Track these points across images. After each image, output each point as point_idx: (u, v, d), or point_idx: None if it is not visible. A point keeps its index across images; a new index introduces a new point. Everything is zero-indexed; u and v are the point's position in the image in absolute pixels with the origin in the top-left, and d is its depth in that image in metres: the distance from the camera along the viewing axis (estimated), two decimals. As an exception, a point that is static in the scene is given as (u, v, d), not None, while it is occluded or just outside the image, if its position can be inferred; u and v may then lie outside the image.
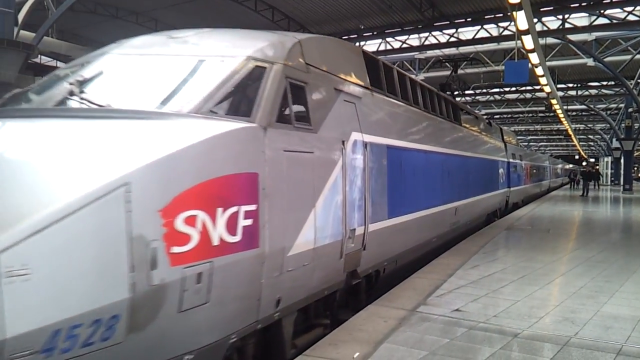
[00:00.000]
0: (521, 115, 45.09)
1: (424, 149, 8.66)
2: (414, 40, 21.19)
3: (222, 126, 3.75)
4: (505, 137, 18.77)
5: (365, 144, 6.03)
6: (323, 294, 5.22)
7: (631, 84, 25.79)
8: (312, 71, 5.06)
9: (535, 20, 14.69)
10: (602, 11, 17.05)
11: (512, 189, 18.63)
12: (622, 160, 37.68)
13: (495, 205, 16.10)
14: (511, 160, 18.76)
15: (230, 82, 4.11)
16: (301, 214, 4.57)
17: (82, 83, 4.03)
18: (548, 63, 20.69)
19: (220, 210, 3.52)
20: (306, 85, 4.82)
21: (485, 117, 21.16)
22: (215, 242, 3.48)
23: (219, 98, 3.98)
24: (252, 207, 3.85)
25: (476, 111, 21.45)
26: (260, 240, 3.93)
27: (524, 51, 14.20)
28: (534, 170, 27.15)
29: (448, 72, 25.72)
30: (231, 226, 3.62)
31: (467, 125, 12.79)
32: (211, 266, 3.43)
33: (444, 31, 19.50)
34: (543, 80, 18.25)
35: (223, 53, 4.38)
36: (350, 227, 5.50)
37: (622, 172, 37.16)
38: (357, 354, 4.31)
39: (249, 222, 3.80)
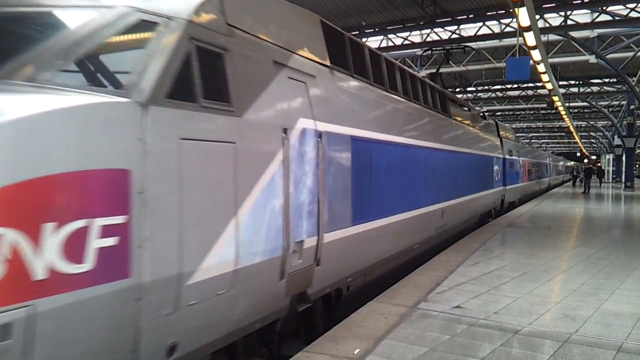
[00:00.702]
0: (523, 113, 44.98)
1: (402, 143, 7.52)
2: (415, 37, 21.15)
3: (62, 101, 2.61)
4: (501, 132, 18.14)
5: (319, 134, 4.95)
6: (253, 328, 4.12)
7: (633, 80, 25.71)
8: (238, 35, 3.94)
9: (537, 16, 14.64)
10: (604, 8, 16.97)
11: (508, 187, 18.07)
12: (623, 158, 37.62)
13: (489, 204, 15.24)
14: (507, 156, 18.21)
15: (96, 41, 3.05)
16: (213, 225, 3.46)
17: None
18: (550, 60, 20.63)
19: (49, 226, 2.41)
20: (226, 53, 3.73)
21: (486, 112, 21.02)
22: (39, 274, 2.37)
23: (73, 62, 2.94)
24: (118, 220, 2.74)
25: (477, 107, 21.36)
26: (134, 267, 2.83)
27: (525, 48, 14.15)
28: (533, 168, 26.77)
29: (450, 69, 25.76)
30: (73, 249, 2.51)
31: (458, 118, 11.74)
32: (31, 312, 2.34)
33: (446, 28, 19.44)
34: (545, 77, 18.22)
35: (96, 2, 3.31)
36: (295, 239, 4.47)
37: (623, 169, 37.08)
38: (357, 350, 4.31)
39: (110, 241, 2.70)
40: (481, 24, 19.01)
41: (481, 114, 16.03)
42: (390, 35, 20.72)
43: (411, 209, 7.81)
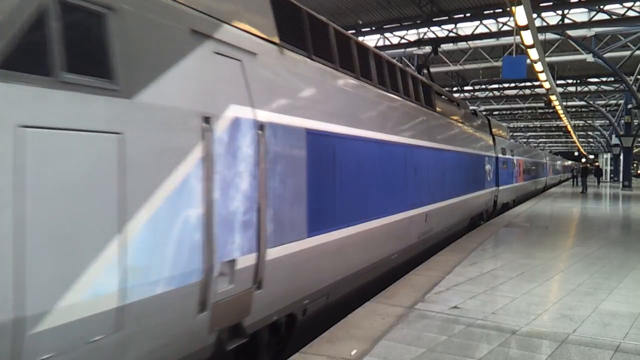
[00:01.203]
0: (520, 112, 45.04)
1: (376, 138, 6.61)
2: (412, 35, 21.15)
3: None
4: (493, 130, 17.47)
5: (260, 125, 4.07)
6: None
7: (630, 80, 25.74)
8: None
9: (535, 15, 14.63)
10: (601, 7, 16.99)
11: (501, 187, 17.41)
12: (621, 157, 37.68)
13: (481, 207, 14.46)
14: (500, 155, 17.61)
15: None
16: (79, 246, 2.58)
17: None
18: (547, 59, 20.65)
19: None
20: (111, 14, 2.86)
21: (483, 111, 20.95)
22: None
23: None
24: None
25: (473, 106, 21.25)
26: None
27: (523, 47, 14.14)
28: (529, 167, 26.40)
29: (448, 67, 25.74)
30: None
31: (444, 113, 10.76)
32: None
33: (443, 27, 19.43)
34: (542, 76, 18.20)
35: None
36: (223, 258, 3.59)
37: (621, 168, 37.14)
38: (354, 351, 4.28)
39: None
40: (478, 22, 19.02)
41: (472, 110, 15.36)
42: (386, 34, 20.72)
43: (387, 214, 6.96)
